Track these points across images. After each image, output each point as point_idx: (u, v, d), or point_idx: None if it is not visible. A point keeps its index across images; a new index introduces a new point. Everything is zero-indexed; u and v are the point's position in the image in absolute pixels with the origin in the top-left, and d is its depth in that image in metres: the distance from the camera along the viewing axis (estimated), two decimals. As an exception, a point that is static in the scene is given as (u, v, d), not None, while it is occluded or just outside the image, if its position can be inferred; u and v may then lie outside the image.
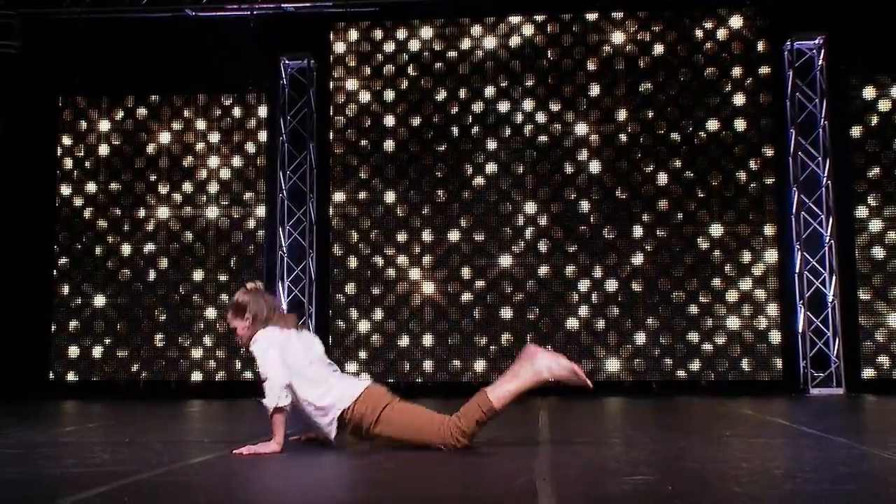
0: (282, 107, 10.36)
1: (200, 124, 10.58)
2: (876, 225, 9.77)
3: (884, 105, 9.90)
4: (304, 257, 10.23)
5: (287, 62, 10.41)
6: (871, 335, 9.65)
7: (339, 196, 10.33)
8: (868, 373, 9.65)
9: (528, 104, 10.20)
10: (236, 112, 10.56)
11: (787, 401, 8.51)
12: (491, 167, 10.17)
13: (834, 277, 9.65)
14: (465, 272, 10.07)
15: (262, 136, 10.52)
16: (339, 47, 10.49)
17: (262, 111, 10.55)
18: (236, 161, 10.51)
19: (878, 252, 9.75)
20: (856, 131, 9.91)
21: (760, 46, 10.05)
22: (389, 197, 10.25)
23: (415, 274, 10.13)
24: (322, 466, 3.89)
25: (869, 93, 9.93)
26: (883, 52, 9.81)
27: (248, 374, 10.16)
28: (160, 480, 3.40)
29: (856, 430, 5.59)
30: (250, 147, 10.52)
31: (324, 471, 3.73)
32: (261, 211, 10.44)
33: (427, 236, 10.15)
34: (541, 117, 10.18)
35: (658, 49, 10.13)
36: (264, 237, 10.37)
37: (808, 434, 5.08)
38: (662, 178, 9.98)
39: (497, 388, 4.29)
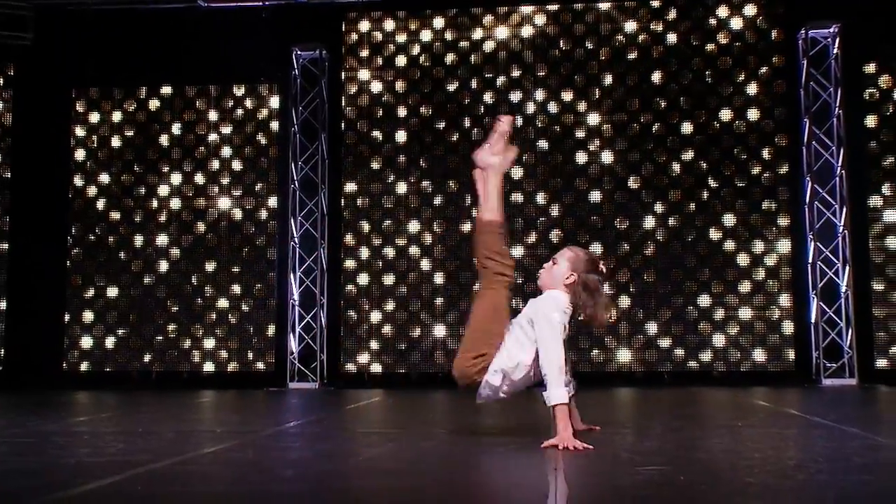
0: (294, 97, 10.36)
1: (213, 115, 10.59)
2: (890, 215, 9.71)
3: (899, 94, 9.83)
4: (316, 248, 10.24)
5: (299, 53, 10.40)
6: (884, 325, 9.60)
7: (350, 186, 10.34)
8: (881, 363, 9.61)
9: (539, 94, 10.17)
10: (248, 103, 10.57)
11: (799, 391, 8.48)
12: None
13: (847, 267, 9.60)
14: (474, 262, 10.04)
15: (275, 126, 10.53)
16: (352, 38, 10.48)
17: (275, 102, 10.56)
18: (248, 152, 10.52)
19: (893, 242, 9.69)
20: (870, 120, 9.84)
21: (774, 35, 9.99)
22: (401, 187, 10.25)
23: (426, 264, 10.13)
24: (336, 455, 3.90)
25: (884, 81, 9.86)
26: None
27: (261, 365, 10.19)
28: (173, 470, 3.41)
29: (869, 420, 5.56)
30: (262, 138, 10.53)
31: (337, 460, 3.74)
32: (273, 202, 10.45)
33: (438, 227, 10.15)
34: (553, 107, 10.15)
35: (671, 38, 10.08)
36: (276, 228, 10.39)
37: (820, 425, 5.06)
38: (675, 168, 9.94)
39: (485, 210, 4.33)
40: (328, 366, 10.16)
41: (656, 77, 10.05)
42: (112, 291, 10.47)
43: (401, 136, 10.30)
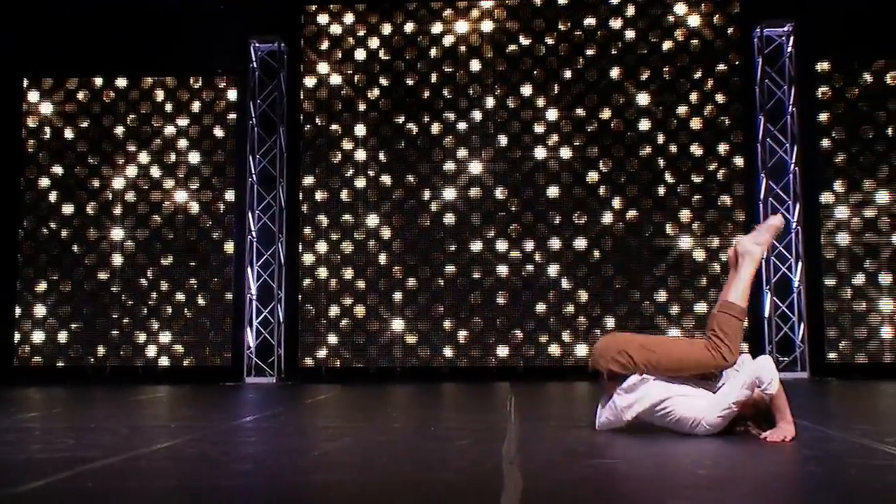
0: (252, 90, 10.26)
1: (169, 107, 10.46)
2: (842, 211, 9.88)
3: (850, 92, 9.99)
4: (274, 242, 10.17)
5: (257, 45, 10.31)
6: (835, 320, 9.77)
7: (309, 180, 10.28)
8: (832, 357, 9.78)
9: (499, 89, 10.18)
10: (205, 95, 10.46)
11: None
12: (462, 152, 10.16)
13: (800, 263, 9.75)
14: (436, 257, 10.06)
15: (232, 119, 10.43)
16: (311, 30, 10.41)
17: (232, 95, 10.46)
18: (205, 145, 10.41)
19: (844, 238, 9.85)
20: (823, 118, 9.99)
21: (730, 32, 10.10)
22: (360, 181, 10.21)
23: (385, 259, 10.11)
24: (291, 450, 3.88)
25: (836, 80, 10.02)
26: (850, 40, 9.89)
27: (217, 360, 10.11)
28: (125, 466, 3.37)
29: (819, 413, 5.66)
30: (219, 131, 10.43)
31: (293, 454, 3.72)
32: (230, 195, 10.35)
33: (397, 221, 10.13)
34: (512, 102, 10.17)
35: (630, 35, 10.14)
36: (233, 222, 10.30)
37: (772, 417, 5.13)
38: (633, 164, 10.02)
39: (732, 291, 4.30)
40: (286, 360, 10.10)
41: (615, 73, 10.11)
42: (65, 286, 10.30)
43: (360, 129, 10.26)
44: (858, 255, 9.84)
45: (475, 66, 10.23)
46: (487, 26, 10.26)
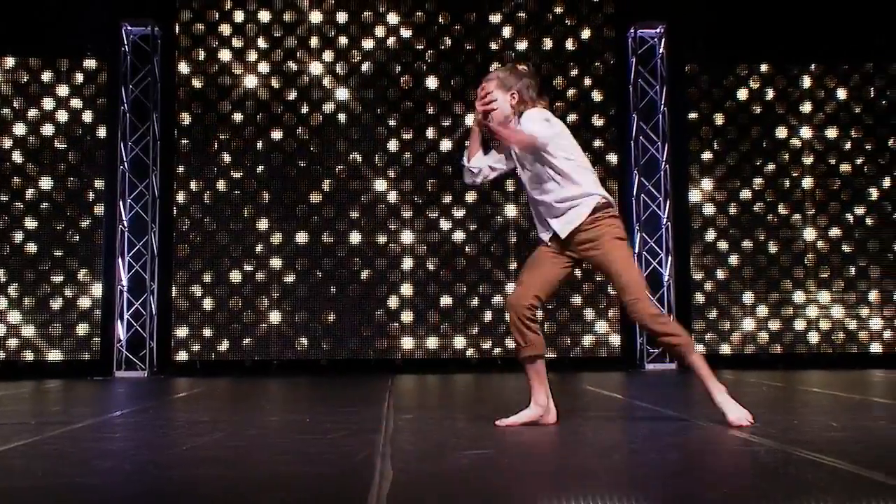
0: (123, 75, 9.91)
1: (34, 89, 9.99)
2: (709, 208, 10.28)
3: (717, 94, 10.40)
4: (146, 232, 9.86)
5: (129, 28, 9.96)
6: (701, 313, 10.17)
7: (183, 169, 10.00)
8: (699, 349, 10.14)
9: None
10: (74, 78, 10.03)
11: (624, 376, 8.86)
12: (342, 144, 10.08)
13: (669, 258, 10.09)
14: (315, 249, 9.95)
15: (102, 104, 10.05)
16: (186, 15, 10.11)
17: (102, 78, 10.08)
18: (73, 130, 9.99)
19: (710, 235, 10.26)
20: (692, 118, 10.37)
21: (606, 32, 10.34)
22: (237, 171, 10.00)
23: (261, 249, 9.94)
24: (158, 446, 3.77)
25: (705, 81, 10.41)
26: (718, 44, 10.29)
27: (86, 354, 9.74)
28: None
29: (684, 402, 5.88)
30: (88, 116, 10.03)
31: (159, 450, 3.61)
32: (100, 183, 9.98)
33: (275, 212, 9.98)
34: (393, 92, 10.14)
35: (507, 31, 10.26)
36: (103, 211, 9.93)
37: (640, 407, 5.31)
38: (511, 159, 10.14)
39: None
40: (158, 354, 9.83)
41: (494, 67, 10.19)
42: (-82, 276, 9.73)
43: (237, 118, 10.05)
44: (723, 250, 10.26)
45: (356, 56, 10.16)
46: (367, 15, 10.20)
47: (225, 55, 10.09)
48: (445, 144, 10.12)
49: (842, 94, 10.47)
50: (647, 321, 4.09)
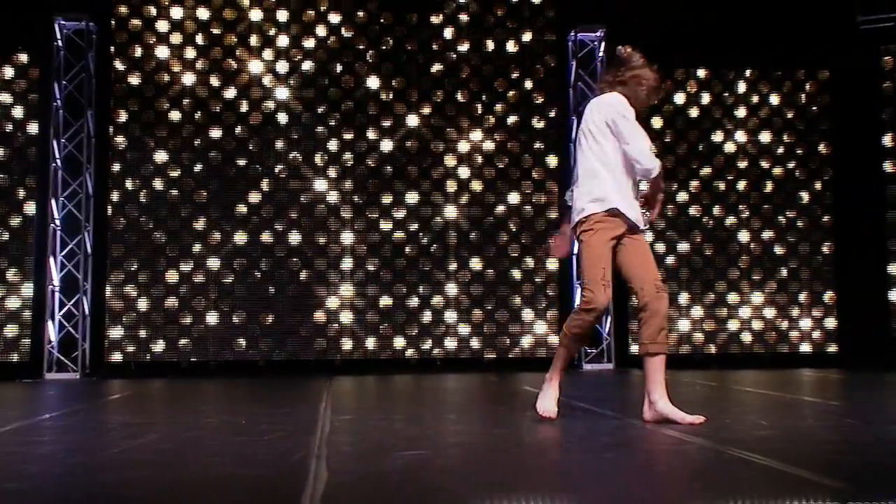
0: (56, 71, 9.68)
1: (-38, 84, 9.72)
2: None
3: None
4: (80, 231, 9.65)
5: (62, 23, 9.73)
6: (637, 315, 10.28)
7: (119, 167, 9.82)
8: (635, 349, 10.31)
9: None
10: (3, 73, 9.78)
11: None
12: (281, 143, 9.99)
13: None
14: (252, 249, 9.85)
15: (34, 99, 9.81)
16: (122, 10, 9.93)
17: (35, 74, 9.84)
18: (4, 126, 9.73)
19: (647, 237, 10.41)
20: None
21: (547, 36, 10.42)
22: (174, 170, 9.85)
23: (198, 249, 9.80)
24: (88, 449, 3.69)
25: (643, 86, 10.53)
26: (658, 47, 10.41)
27: (15, 355, 9.50)
28: None
29: (621, 402, 5.95)
30: (19, 112, 9.78)
31: (89, 453, 3.54)
32: (31, 180, 9.74)
33: (214, 211, 9.85)
34: (333, 94, 10.08)
35: (448, 33, 10.27)
36: (35, 209, 9.69)
37: (578, 407, 5.35)
38: (450, 161, 10.16)
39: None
40: (91, 355, 9.63)
41: (435, 68, 10.22)
42: None
43: (175, 116, 9.89)
44: (660, 252, 10.41)
45: (297, 55, 10.08)
46: (309, 14, 10.13)
47: (163, 52, 9.93)
48: (386, 145, 10.10)
49: (775, 99, 10.71)
50: None
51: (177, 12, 9.96)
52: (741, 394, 6.52)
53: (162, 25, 9.94)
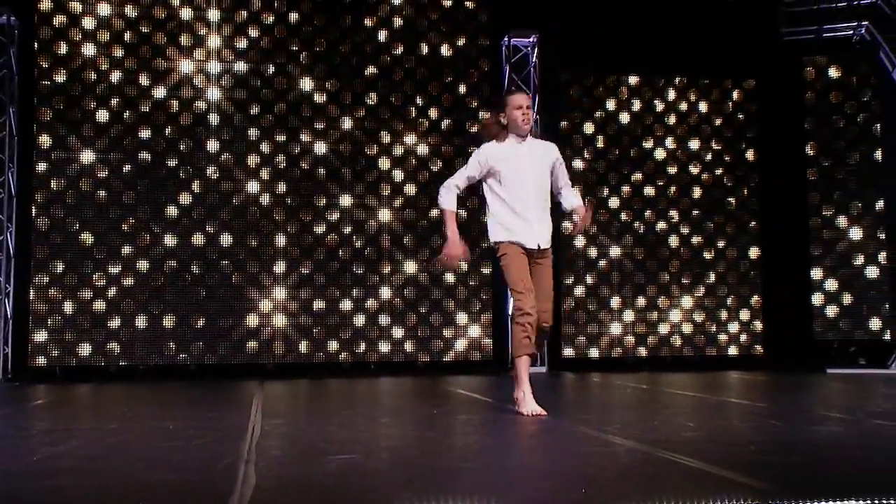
0: (-23, 66, 9.41)
1: None
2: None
3: (587, 103, 10.68)
4: (2, 231, 9.38)
5: (-16, 17, 9.46)
6: (571, 318, 10.41)
7: (43, 166, 9.56)
8: (567, 352, 10.43)
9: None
10: (-77, 68, 9.47)
11: (495, 379, 8.97)
12: (213, 144, 9.84)
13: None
14: (182, 251, 9.68)
15: (-46, 96, 9.52)
16: (46, 5, 9.68)
17: (-45, 69, 9.55)
18: (-78, 123, 9.43)
19: (579, 241, 10.52)
20: (564, 125, 10.62)
21: (481, 40, 10.47)
22: (101, 170, 9.63)
23: (128, 251, 9.60)
24: (10, 456, 3.58)
25: (574, 91, 10.68)
26: (590, 53, 10.58)
27: (-67, 360, 9.18)
28: None
29: (552, 405, 5.99)
30: (-61, 108, 9.48)
31: (8, 460, 3.43)
32: (-49, 179, 9.44)
33: (142, 212, 9.65)
34: (268, 94, 9.97)
35: (382, 36, 10.25)
36: (-45, 208, 9.40)
37: (508, 410, 5.38)
38: (384, 162, 10.14)
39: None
40: (13, 359, 9.36)
41: (369, 71, 10.18)
42: None
43: (102, 115, 9.67)
44: (592, 257, 10.55)
45: (229, 53, 9.95)
46: (241, 14, 10.01)
47: (89, 49, 9.71)
48: (319, 147, 10.03)
49: (703, 107, 10.94)
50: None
51: (104, 9, 9.74)
52: (670, 396, 6.63)
53: (88, 22, 9.71)
